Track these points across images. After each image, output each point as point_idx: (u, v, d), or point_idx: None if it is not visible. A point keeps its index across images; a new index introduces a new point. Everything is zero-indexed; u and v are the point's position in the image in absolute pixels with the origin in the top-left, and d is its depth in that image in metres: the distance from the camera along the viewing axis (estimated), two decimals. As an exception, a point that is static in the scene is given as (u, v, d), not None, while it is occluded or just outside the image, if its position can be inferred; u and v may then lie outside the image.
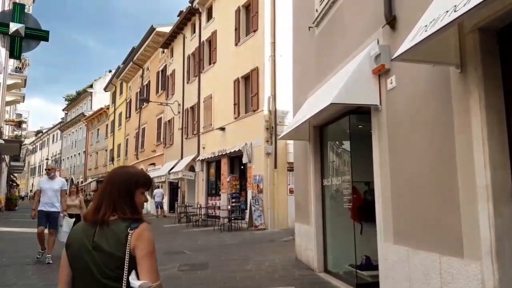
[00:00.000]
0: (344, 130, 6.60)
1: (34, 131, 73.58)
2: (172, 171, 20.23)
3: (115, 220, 1.75)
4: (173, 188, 23.06)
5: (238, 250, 9.18)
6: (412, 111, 3.89)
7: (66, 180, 45.39)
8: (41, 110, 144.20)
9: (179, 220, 17.02)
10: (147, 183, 1.91)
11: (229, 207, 14.18)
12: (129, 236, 1.70)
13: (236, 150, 14.93)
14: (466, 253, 3.04)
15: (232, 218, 13.87)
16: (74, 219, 8.00)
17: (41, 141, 71.81)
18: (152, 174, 23.88)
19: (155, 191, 21.97)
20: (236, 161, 16.47)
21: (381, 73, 4.45)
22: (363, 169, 5.99)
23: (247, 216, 14.08)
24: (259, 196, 13.66)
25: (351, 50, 5.25)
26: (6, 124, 18.79)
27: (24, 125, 29.01)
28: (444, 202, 3.37)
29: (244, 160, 14.53)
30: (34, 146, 76.95)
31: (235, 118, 15.68)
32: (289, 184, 13.75)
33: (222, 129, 16.57)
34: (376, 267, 6.11)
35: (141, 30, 35.20)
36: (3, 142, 16.91)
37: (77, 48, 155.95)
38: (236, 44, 16.02)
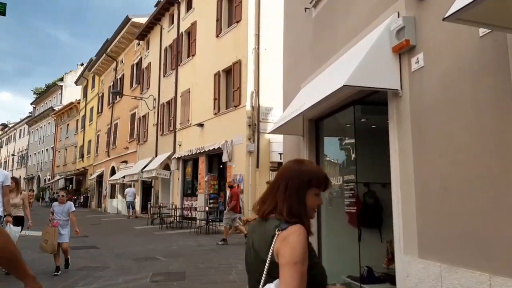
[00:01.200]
0: (345, 123, 5.87)
1: (0, 126, 70.02)
2: (145, 169, 19.08)
3: (272, 217, 1.59)
4: (146, 188, 21.87)
5: (218, 256, 8.30)
6: (450, 93, 3.15)
7: (33, 178, 43.06)
8: (10, 104, 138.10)
9: (152, 222, 15.94)
10: (322, 183, 1.66)
11: (206, 208, 13.26)
12: (274, 238, 1.48)
13: (216, 147, 14.04)
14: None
15: (210, 220, 12.95)
16: (20, 228, 6.92)
17: (7, 136, 68.37)
18: (123, 173, 22.64)
19: (127, 190, 20.74)
20: (215, 159, 15.57)
21: (404, 51, 3.71)
22: (366, 169, 5.28)
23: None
24: (240, 197, 12.79)
25: (361, 28, 4.50)
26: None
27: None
28: (497, 207, 2.64)
29: (224, 158, 13.65)
30: (0, 141, 73.35)
31: (215, 114, 14.78)
32: (271, 185, 12.96)
33: (201, 125, 15.63)
34: (379, 280, 5.38)
35: (117, 24, 33.42)
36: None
37: (50, 41, 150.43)
38: (217, 36, 15.13)
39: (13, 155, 61.32)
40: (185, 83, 17.53)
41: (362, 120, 5.34)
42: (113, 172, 26.40)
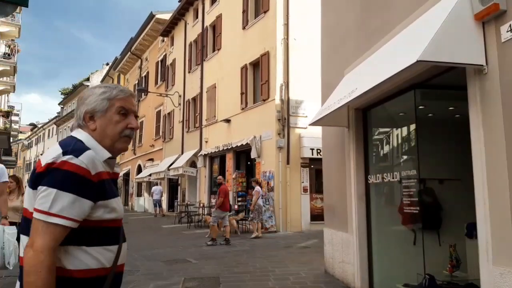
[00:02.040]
0: (399, 112, 5.20)
1: (30, 126, 71.90)
2: (171, 167, 18.79)
3: None
4: (173, 185, 21.63)
5: (251, 259, 7.77)
6: None
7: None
8: (39, 106, 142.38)
9: (179, 220, 15.60)
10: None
11: (235, 206, 12.76)
12: None
13: (244, 144, 13.51)
14: None
15: (239, 219, 12.45)
16: (15, 231, 4.55)
17: (36, 136, 70.15)
18: (149, 171, 22.48)
19: (153, 188, 20.53)
20: (243, 156, 15.05)
21: (490, 18, 3.04)
22: (426, 163, 4.60)
23: (255, 216, 12.65)
24: (269, 195, 12.25)
25: (425, -2, 3.83)
26: (-6, 115, 17.30)
27: (15, 118, 27.40)
28: None
29: (253, 155, 13.11)
30: (29, 141, 75.34)
31: (242, 109, 14.25)
32: (302, 182, 12.35)
33: (227, 121, 15.14)
34: (443, 291, 4.71)
35: (138, 23, 33.33)
36: (-13, 133, 15.42)
37: (74, 42, 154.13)
38: (244, 28, 14.57)
39: (41, 154, 62.73)
40: (210, 78, 17.08)
41: (421, 107, 4.65)
42: (139, 170, 26.36)
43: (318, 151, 12.32)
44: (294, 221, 12.03)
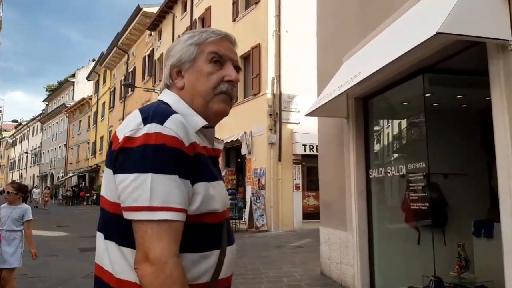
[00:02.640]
0: (403, 101, 4.83)
1: (13, 123, 70.43)
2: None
3: None
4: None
5: (243, 259, 7.34)
6: None
7: (46, 175, 42.83)
8: (24, 104, 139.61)
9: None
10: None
11: (225, 205, 12.35)
12: None
13: (234, 140, 13.07)
14: None
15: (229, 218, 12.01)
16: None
17: (21, 134, 68.64)
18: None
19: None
20: (233, 152, 14.62)
21: (518, -14, 2.67)
22: (434, 156, 4.24)
23: (245, 215, 12.24)
24: (260, 193, 11.84)
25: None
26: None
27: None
28: None
29: (243, 151, 12.68)
30: (13, 139, 73.72)
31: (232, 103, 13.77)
32: (295, 179, 11.97)
33: (217, 116, 14.64)
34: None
35: (127, 19, 32.24)
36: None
37: (61, 40, 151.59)
38: (234, 20, 14.12)
39: (26, 153, 61.46)
40: (199, 73, 16.57)
41: (429, 95, 4.28)
42: (126, 168, 25.67)
43: (311, 147, 11.97)
44: (285, 220, 11.64)
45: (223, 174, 14.30)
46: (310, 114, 5.20)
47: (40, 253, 8.68)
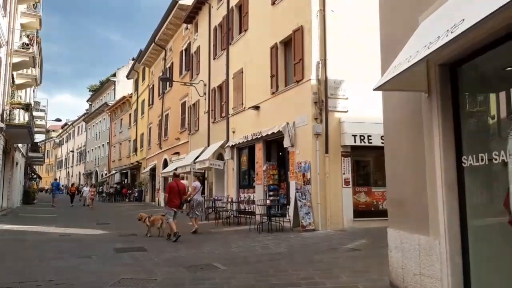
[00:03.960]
0: (510, 65, 3.64)
1: (58, 123, 73.15)
2: (197, 160, 17.64)
3: None
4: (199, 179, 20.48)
5: (292, 264, 6.38)
6: None
7: (91, 173, 43.77)
8: (70, 105, 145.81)
9: (206, 216, 14.42)
10: None
11: (268, 201, 11.39)
12: None
13: (275, 131, 12.10)
14: None
15: (271, 215, 11.07)
16: None
17: (67, 134, 71.36)
18: (175, 165, 21.50)
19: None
20: (274, 145, 13.66)
21: None
22: None
23: (289, 212, 11.26)
24: (306, 189, 10.81)
25: None
26: (14, 108, 16.63)
27: (41, 114, 27.07)
28: None
29: (286, 143, 11.68)
30: (60, 139, 76.83)
31: (273, 93, 12.83)
32: (343, 174, 10.82)
33: (256, 108, 13.76)
34: None
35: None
36: (4, 126, 14.73)
37: (103, 42, 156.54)
38: (273, 3, 13.11)
39: (72, 151, 63.73)
40: (237, 63, 15.74)
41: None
42: (165, 164, 25.49)
43: (362, 137, 10.79)
44: (334, 218, 10.54)
45: (264, 168, 13.45)
46: (379, 88, 4.12)
47: (73, 255, 8.23)
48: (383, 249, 7.47)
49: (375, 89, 4.16)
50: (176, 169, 20.71)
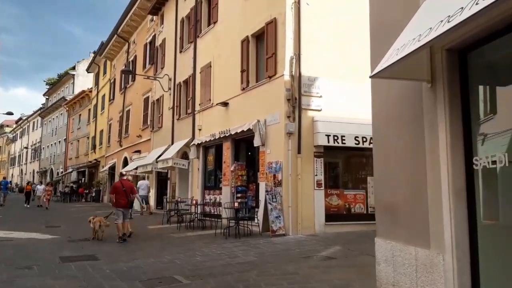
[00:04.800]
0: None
1: (12, 118, 68.96)
2: (160, 158, 16.60)
3: None
4: (162, 180, 19.43)
5: (264, 277, 5.68)
6: None
7: (46, 171, 41.05)
8: (26, 99, 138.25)
9: (168, 220, 13.46)
10: None
11: (236, 204, 10.62)
12: None
13: (245, 130, 11.37)
14: None
15: (239, 219, 10.33)
16: None
17: (21, 129, 67.27)
18: (136, 163, 20.29)
19: (140, 182, 18.29)
20: (243, 144, 12.94)
21: None
22: None
23: (258, 216, 10.58)
24: (276, 191, 10.15)
25: None
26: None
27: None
28: None
29: (256, 142, 10.99)
30: (14, 134, 72.40)
31: (243, 89, 12.10)
32: (316, 175, 10.26)
33: (225, 104, 12.98)
34: None
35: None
36: None
37: (64, 36, 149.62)
38: (245, -6, 12.41)
39: (26, 148, 60.09)
40: (205, 57, 14.89)
41: None
42: (125, 163, 24.12)
43: (335, 137, 10.28)
44: (306, 222, 9.95)
45: (232, 169, 12.69)
46: (377, 75, 3.49)
47: (11, 265, 7.11)
48: (359, 257, 6.95)
49: (373, 76, 3.53)
50: (136, 168, 19.56)
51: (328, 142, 10.24)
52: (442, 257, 3.32)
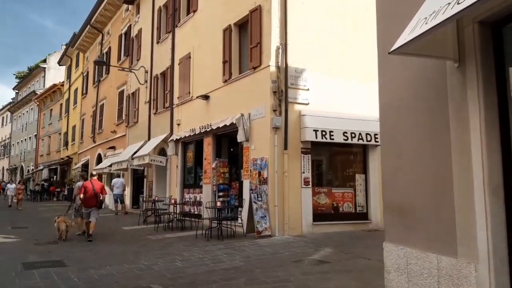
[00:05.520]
0: None
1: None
2: (136, 155, 15.73)
3: None
4: (138, 178, 18.53)
5: (254, 285, 5.07)
6: None
7: (16, 168, 38.83)
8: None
9: (144, 220, 12.66)
10: None
11: (218, 203, 9.96)
12: None
13: (227, 124, 10.72)
14: None
15: (221, 219, 9.69)
16: None
17: (-11, 125, 64.19)
18: (110, 160, 19.31)
19: (114, 180, 17.38)
20: (225, 140, 12.30)
21: None
22: None
23: (242, 216, 9.97)
24: (262, 189, 9.57)
25: None
26: None
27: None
28: None
29: (240, 138, 10.35)
30: (-19, 130, 69.09)
31: (225, 81, 11.43)
32: (303, 172, 9.73)
33: (206, 97, 12.29)
34: None
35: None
36: None
37: (35, 29, 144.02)
38: (227, -20, 11.72)
39: (-7, 144, 57.41)
40: (184, 48, 14.12)
41: None
42: (99, 160, 23.02)
43: (323, 133, 9.77)
44: (293, 222, 9.41)
45: (213, 166, 12.03)
46: (398, 50, 2.93)
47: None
48: (353, 261, 6.44)
49: (392, 52, 2.96)
50: (111, 165, 18.60)
51: (316, 137, 9.71)
52: (474, 267, 2.81)
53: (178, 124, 14.16)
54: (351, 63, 10.57)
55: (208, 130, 11.80)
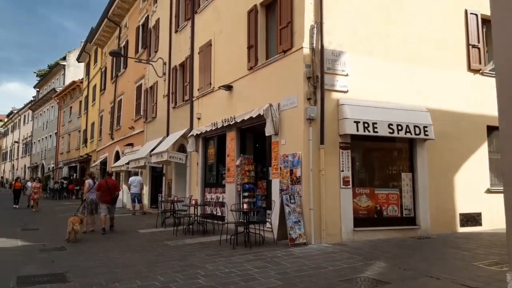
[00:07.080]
0: None
1: (5, 114, 67.06)
2: (154, 152, 14.72)
3: None
4: (156, 176, 17.55)
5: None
6: None
7: (37, 167, 38.55)
8: (18, 94, 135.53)
9: (163, 222, 11.59)
10: None
11: (245, 205, 8.74)
12: None
13: (254, 116, 9.50)
14: None
15: (248, 223, 8.47)
16: None
17: (12, 123, 65.04)
18: (128, 157, 18.40)
19: (131, 178, 16.43)
20: (250, 135, 11.11)
21: None
22: None
23: (272, 220, 8.73)
24: (294, 190, 8.32)
25: None
26: None
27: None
28: None
29: (268, 131, 9.12)
30: (5, 128, 70.14)
31: (250, 68, 10.22)
32: (342, 171, 8.43)
33: (228, 88, 11.10)
34: None
35: None
36: None
37: (57, 30, 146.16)
38: (252, -44, 10.47)
39: (17, 142, 57.95)
40: (204, 35, 12.98)
41: None
42: (117, 157, 22.22)
43: (366, 125, 8.43)
44: (331, 228, 8.13)
45: (237, 163, 10.85)
46: None
47: None
48: (420, 281, 5.13)
49: None
50: (128, 163, 17.68)
51: (357, 130, 8.39)
52: None
53: (199, 118, 13.05)
54: (397, 44, 9.21)
55: (231, 123, 10.61)
